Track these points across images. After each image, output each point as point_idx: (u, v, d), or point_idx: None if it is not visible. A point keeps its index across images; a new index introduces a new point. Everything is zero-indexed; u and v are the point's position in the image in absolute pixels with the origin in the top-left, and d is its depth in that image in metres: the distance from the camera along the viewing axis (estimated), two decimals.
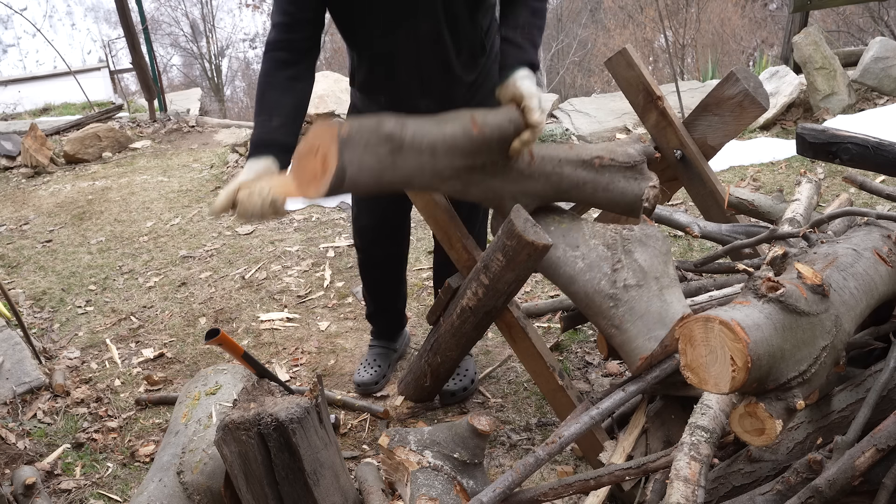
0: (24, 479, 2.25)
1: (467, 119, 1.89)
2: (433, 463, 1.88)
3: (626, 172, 2.22)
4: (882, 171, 2.23)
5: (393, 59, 2.16)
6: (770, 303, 1.35)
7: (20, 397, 2.89)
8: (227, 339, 2.01)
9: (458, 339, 2.28)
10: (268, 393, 2.03)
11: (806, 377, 1.36)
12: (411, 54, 2.14)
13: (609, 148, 2.24)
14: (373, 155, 1.78)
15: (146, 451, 2.56)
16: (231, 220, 4.76)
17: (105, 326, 3.52)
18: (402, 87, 2.22)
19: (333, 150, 1.71)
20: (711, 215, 2.57)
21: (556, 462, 2.24)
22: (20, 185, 6.22)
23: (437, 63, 2.17)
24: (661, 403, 2.04)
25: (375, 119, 1.80)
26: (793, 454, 1.60)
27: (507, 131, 1.91)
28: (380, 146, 1.78)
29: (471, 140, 1.88)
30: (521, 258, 1.97)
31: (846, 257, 1.61)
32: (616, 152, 2.23)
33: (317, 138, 1.76)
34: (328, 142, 1.72)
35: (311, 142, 1.76)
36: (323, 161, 1.73)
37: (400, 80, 2.20)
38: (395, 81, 2.21)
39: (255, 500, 1.93)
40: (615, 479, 1.74)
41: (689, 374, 1.32)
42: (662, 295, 2.01)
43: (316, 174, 1.75)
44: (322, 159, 1.74)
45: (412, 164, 1.86)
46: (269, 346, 3.15)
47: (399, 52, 2.14)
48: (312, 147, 1.76)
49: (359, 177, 1.78)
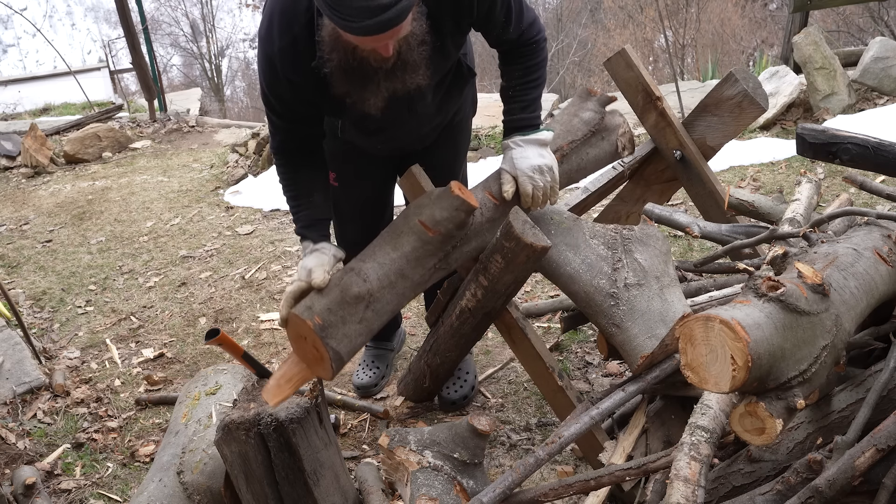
0: (24, 479, 2.25)
1: (417, 226, 1.91)
2: (433, 463, 1.88)
3: (590, 141, 2.28)
4: (882, 172, 2.23)
5: (379, 132, 2.17)
6: (770, 302, 1.35)
7: (20, 397, 2.89)
8: (227, 339, 2.01)
9: (457, 340, 2.28)
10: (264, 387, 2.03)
11: (806, 376, 1.36)
12: (395, 129, 2.16)
13: (567, 128, 2.27)
14: (354, 322, 1.83)
15: (146, 451, 2.56)
16: (231, 221, 4.77)
17: (105, 326, 3.52)
18: (381, 142, 2.24)
19: (318, 341, 1.77)
20: (711, 216, 2.57)
21: (556, 462, 2.24)
22: (20, 185, 6.23)
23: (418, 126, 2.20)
24: (661, 403, 2.04)
25: (337, 290, 1.83)
26: (793, 454, 1.60)
27: (459, 217, 1.92)
28: (355, 311, 1.83)
29: (430, 242, 1.92)
30: (520, 260, 1.97)
31: (846, 257, 1.61)
32: (574, 129, 2.27)
33: (299, 328, 1.81)
34: (310, 332, 1.78)
35: (297, 331, 1.82)
36: (315, 347, 1.80)
37: (379, 138, 2.22)
38: (374, 138, 2.22)
39: (255, 500, 1.93)
40: (615, 479, 1.74)
41: (690, 374, 1.32)
42: (663, 294, 2.01)
43: (316, 358, 1.82)
44: (313, 346, 1.80)
45: (392, 298, 1.91)
46: (269, 346, 3.15)
47: (384, 127, 2.14)
48: (300, 335, 1.83)
49: (355, 343, 1.85)
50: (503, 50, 2.06)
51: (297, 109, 1.94)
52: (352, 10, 1.55)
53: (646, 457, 1.76)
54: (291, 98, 1.90)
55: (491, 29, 1.96)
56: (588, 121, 2.29)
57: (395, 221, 2.00)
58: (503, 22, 1.94)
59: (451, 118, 2.30)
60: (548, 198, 2.06)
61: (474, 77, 2.21)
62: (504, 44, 2.03)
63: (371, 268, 1.88)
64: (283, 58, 1.83)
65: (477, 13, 1.88)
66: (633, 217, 2.71)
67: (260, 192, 5.11)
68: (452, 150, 2.39)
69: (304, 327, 1.79)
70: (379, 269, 1.88)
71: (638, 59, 2.52)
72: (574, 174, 2.30)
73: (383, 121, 2.02)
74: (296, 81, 1.86)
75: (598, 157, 2.34)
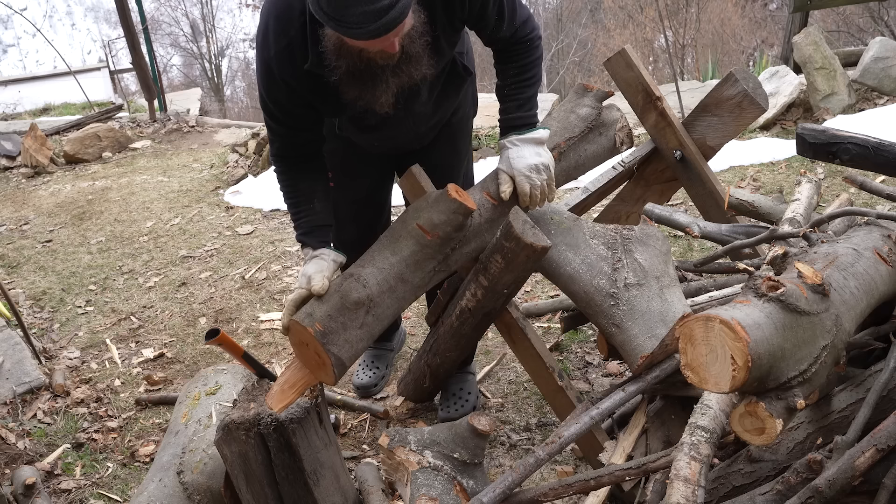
0: (24, 479, 2.25)
1: (415, 230, 1.91)
2: (433, 463, 1.88)
3: (588, 137, 2.28)
4: (882, 172, 2.23)
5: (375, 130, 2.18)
6: (770, 302, 1.35)
7: (20, 397, 2.89)
8: (227, 339, 2.01)
9: (457, 340, 2.28)
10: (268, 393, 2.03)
11: (806, 376, 1.36)
12: (390, 129, 2.16)
13: (563, 125, 2.27)
14: (354, 327, 1.84)
15: (146, 451, 2.56)
16: (231, 221, 4.77)
17: (105, 326, 3.52)
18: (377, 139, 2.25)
19: (320, 347, 1.78)
20: (711, 216, 2.57)
21: (555, 462, 2.24)
22: (20, 185, 6.23)
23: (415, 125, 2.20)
24: (661, 403, 2.04)
25: (337, 296, 1.84)
26: (793, 454, 1.60)
27: (456, 220, 1.92)
28: (356, 317, 1.84)
29: (429, 245, 1.92)
30: (519, 260, 1.96)
31: (846, 257, 1.61)
32: (571, 126, 2.27)
33: (301, 335, 1.82)
34: (311, 339, 1.79)
35: (299, 338, 1.83)
36: (317, 353, 1.81)
37: (375, 135, 2.23)
38: (370, 135, 2.23)
39: (255, 500, 1.93)
40: (615, 479, 1.74)
41: (690, 374, 1.32)
42: (663, 294, 2.01)
43: (318, 364, 1.83)
44: (315, 352, 1.82)
45: (392, 302, 1.92)
46: (269, 346, 3.15)
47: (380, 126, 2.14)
48: (302, 341, 1.84)
49: (357, 348, 1.86)
50: (497, 48, 2.07)
51: (294, 113, 1.95)
52: (355, 17, 1.57)
53: (646, 457, 1.76)
54: (288, 101, 1.92)
55: (484, 27, 1.97)
56: (585, 117, 2.28)
57: (394, 225, 2.00)
58: (496, 20, 1.94)
59: (449, 117, 2.30)
60: (545, 196, 2.06)
61: (471, 76, 2.21)
62: (498, 42, 2.03)
63: (370, 273, 1.88)
64: (280, 61, 1.85)
65: (469, 9, 1.88)
66: (633, 217, 2.71)
67: (260, 192, 5.11)
68: (451, 150, 2.39)
69: (306, 334, 1.80)
70: (378, 274, 1.88)
71: (638, 59, 2.53)
72: (573, 171, 2.30)
73: (379, 118, 2.02)
74: (292, 84, 1.88)
75: (597, 153, 2.34)
